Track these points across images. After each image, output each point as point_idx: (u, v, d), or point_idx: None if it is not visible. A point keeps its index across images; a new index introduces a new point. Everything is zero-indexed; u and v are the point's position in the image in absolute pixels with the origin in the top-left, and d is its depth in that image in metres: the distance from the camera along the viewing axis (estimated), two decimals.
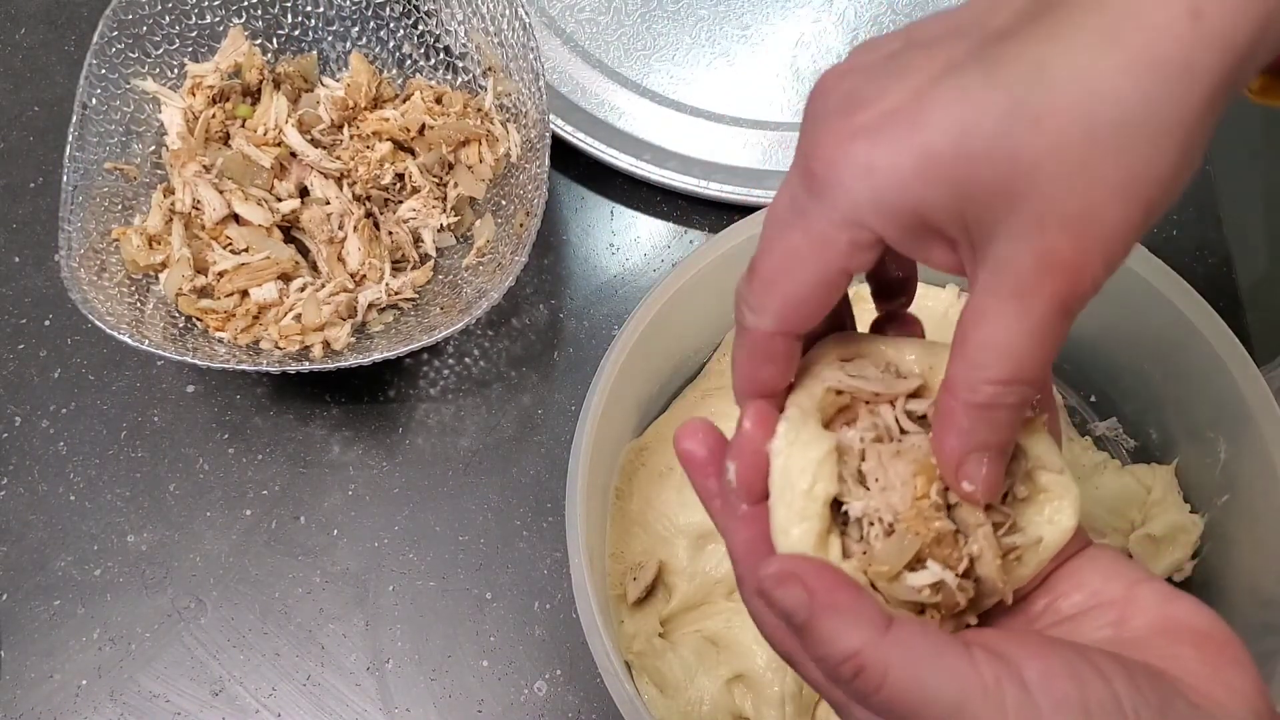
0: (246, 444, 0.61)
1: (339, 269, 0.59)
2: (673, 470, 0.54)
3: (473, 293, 0.58)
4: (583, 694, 0.55)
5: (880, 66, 0.27)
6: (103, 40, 0.59)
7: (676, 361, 0.57)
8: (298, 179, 0.61)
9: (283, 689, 0.56)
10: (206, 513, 0.59)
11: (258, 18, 0.63)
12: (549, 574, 0.57)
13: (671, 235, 0.65)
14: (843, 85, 0.27)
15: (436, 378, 0.62)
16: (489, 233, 0.61)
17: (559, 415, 0.61)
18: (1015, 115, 0.24)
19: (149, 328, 0.55)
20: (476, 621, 0.56)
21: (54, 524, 0.59)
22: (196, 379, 0.62)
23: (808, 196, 0.27)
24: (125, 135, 0.60)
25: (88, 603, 0.57)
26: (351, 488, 0.60)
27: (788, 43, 0.69)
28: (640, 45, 0.69)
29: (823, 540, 0.30)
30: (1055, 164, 0.24)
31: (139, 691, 0.56)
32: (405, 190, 0.62)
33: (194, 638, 0.57)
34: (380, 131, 0.62)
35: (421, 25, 0.64)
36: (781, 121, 0.66)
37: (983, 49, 0.25)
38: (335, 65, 0.65)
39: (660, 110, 0.67)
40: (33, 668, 0.56)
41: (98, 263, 0.56)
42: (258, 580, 0.58)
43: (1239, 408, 0.48)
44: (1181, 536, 0.52)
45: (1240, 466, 0.49)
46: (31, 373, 0.62)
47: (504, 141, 0.62)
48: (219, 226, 0.59)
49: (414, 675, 0.56)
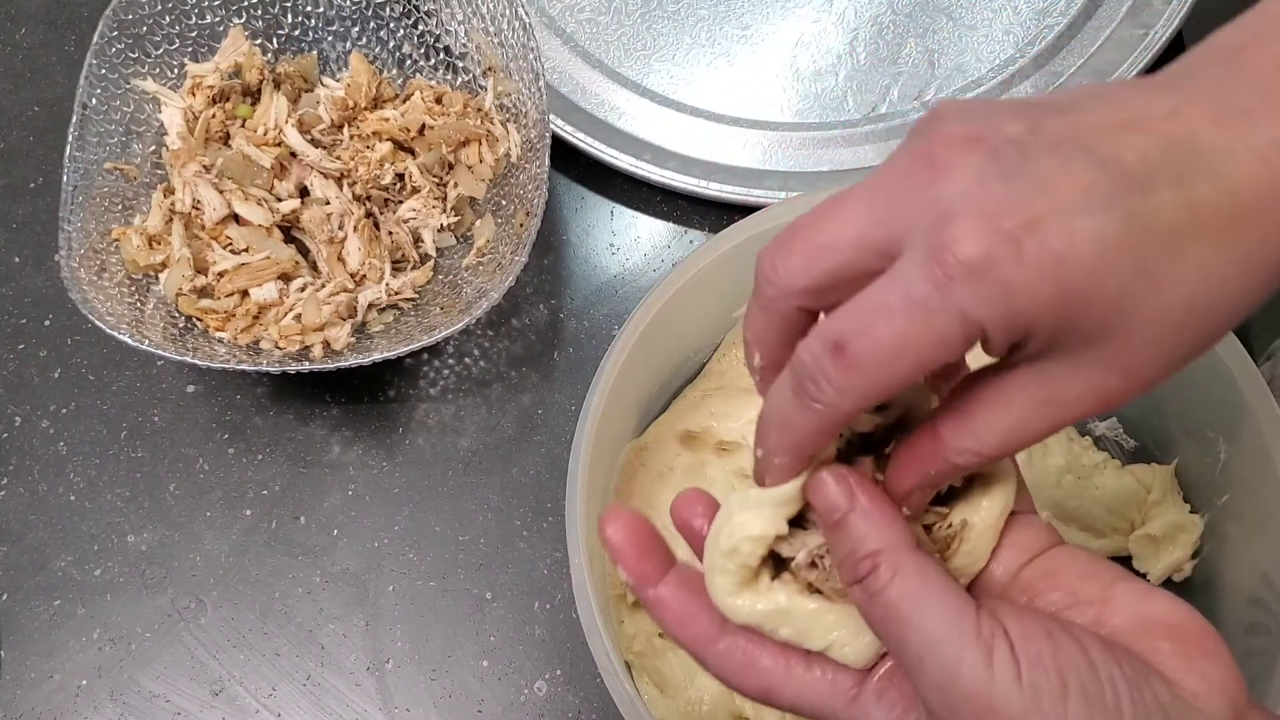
0: (246, 444, 0.61)
1: (339, 269, 0.59)
2: (673, 470, 0.54)
3: (473, 293, 0.58)
4: (583, 694, 0.55)
5: (1010, 158, 0.26)
6: (103, 40, 0.59)
7: (676, 361, 0.57)
8: (298, 179, 0.61)
9: (283, 689, 0.56)
10: (206, 513, 0.59)
11: (258, 18, 0.63)
12: (549, 574, 0.57)
13: (671, 235, 0.65)
14: (971, 160, 0.27)
15: (436, 378, 0.62)
16: (489, 233, 0.61)
17: (559, 415, 0.61)
18: (1142, 276, 0.26)
19: (149, 328, 0.55)
20: (476, 621, 0.56)
21: (54, 524, 0.59)
22: (196, 379, 0.62)
23: (933, 289, 0.26)
24: (125, 135, 0.60)
25: (88, 603, 0.57)
26: (351, 488, 0.60)
27: (788, 43, 0.69)
28: (640, 45, 0.69)
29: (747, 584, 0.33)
30: (1154, 328, 0.27)
31: (139, 691, 0.56)
32: (405, 190, 0.62)
33: (194, 638, 0.57)
34: (380, 131, 0.62)
35: (421, 25, 0.64)
36: (781, 121, 0.66)
37: (1124, 196, 0.26)
38: (335, 65, 0.65)
39: (660, 110, 0.67)
40: (33, 668, 0.56)
41: (98, 263, 0.56)
42: (258, 580, 0.58)
43: (1239, 407, 0.48)
44: (1181, 536, 0.52)
45: (1240, 466, 0.49)
46: (31, 373, 0.62)
47: (504, 141, 0.62)
48: (219, 226, 0.59)
49: (414, 675, 0.56)
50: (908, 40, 0.68)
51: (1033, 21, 0.68)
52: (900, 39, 0.68)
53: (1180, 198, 0.26)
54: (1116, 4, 0.67)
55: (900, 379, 0.27)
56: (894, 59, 0.68)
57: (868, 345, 0.27)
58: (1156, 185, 0.26)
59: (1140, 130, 0.26)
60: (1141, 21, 0.65)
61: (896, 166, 0.28)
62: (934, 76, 0.67)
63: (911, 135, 0.29)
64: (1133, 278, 0.26)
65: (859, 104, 0.67)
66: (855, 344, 0.27)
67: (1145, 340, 0.27)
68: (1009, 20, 0.68)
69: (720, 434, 0.55)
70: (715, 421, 0.55)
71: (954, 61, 0.67)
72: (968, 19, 0.68)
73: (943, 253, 0.26)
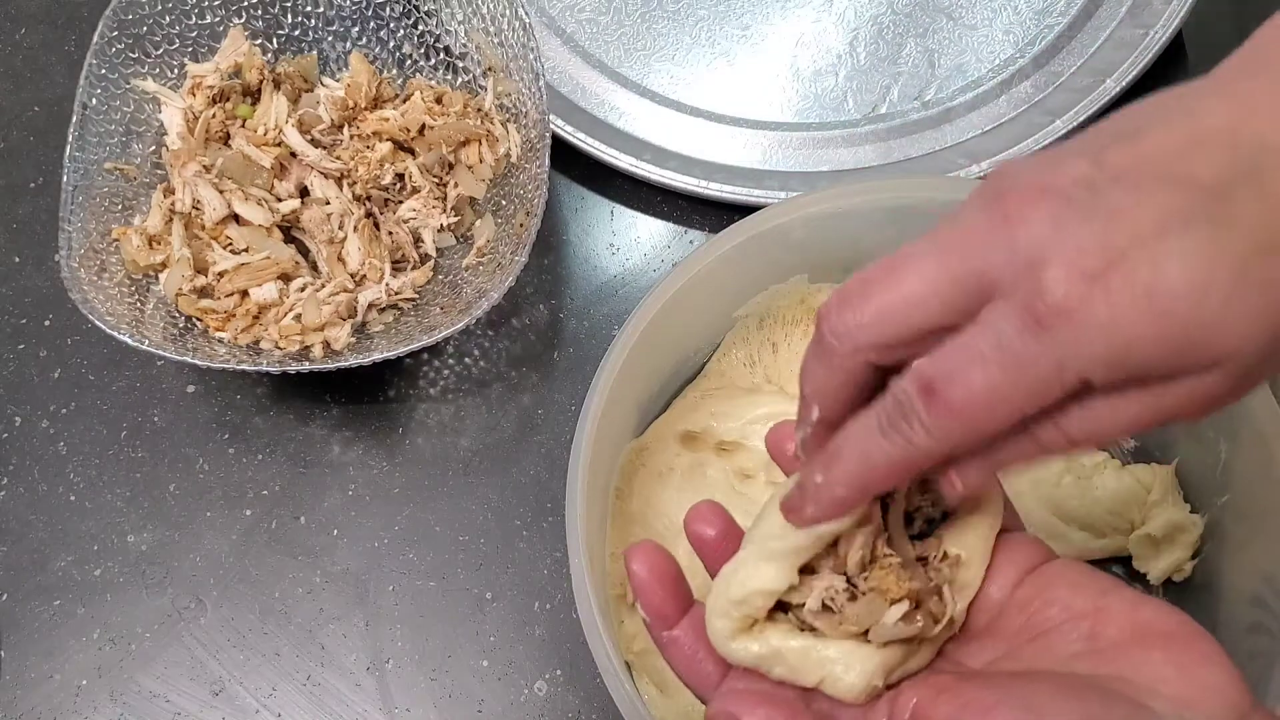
0: (246, 444, 0.61)
1: (339, 269, 0.59)
2: (673, 470, 0.54)
3: (473, 293, 0.58)
4: (583, 694, 0.55)
5: (1083, 199, 0.26)
6: (103, 40, 0.59)
7: (676, 361, 0.57)
8: (298, 179, 0.61)
9: (283, 689, 0.56)
10: (206, 513, 0.59)
11: (258, 18, 0.63)
12: (549, 574, 0.57)
13: (671, 235, 0.65)
14: (1045, 208, 0.27)
15: (436, 378, 0.62)
16: (489, 233, 0.61)
17: (559, 415, 0.61)
18: (1244, 278, 0.25)
19: (149, 328, 0.55)
20: (476, 621, 0.56)
21: (54, 524, 0.59)
22: (196, 379, 0.62)
23: (1029, 338, 0.26)
24: (125, 135, 0.60)
25: (88, 603, 0.57)
26: (351, 488, 0.60)
27: (788, 43, 0.69)
28: (640, 45, 0.69)
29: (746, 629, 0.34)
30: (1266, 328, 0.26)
31: (139, 691, 0.56)
32: (405, 190, 0.62)
33: (194, 638, 0.57)
34: (380, 131, 0.62)
35: (421, 25, 0.64)
36: (781, 121, 0.67)
37: (1204, 209, 0.25)
38: (335, 65, 0.65)
39: (660, 110, 0.67)
40: (33, 668, 0.56)
41: (98, 263, 0.56)
42: (258, 580, 0.58)
43: (1239, 407, 0.48)
44: (1181, 536, 0.52)
45: (1240, 466, 0.49)
46: (31, 373, 0.62)
47: (504, 141, 0.62)
48: (219, 226, 0.59)
49: (414, 675, 0.56)
50: (908, 40, 0.68)
51: (1033, 21, 0.68)
52: (900, 39, 0.68)
53: (1262, 193, 0.26)
54: (1116, 4, 0.67)
55: (994, 424, 0.27)
56: (894, 59, 0.68)
57: (960, 391, 0.27)
58: (1235, 190, 0.26)
59: (1207, 145, 0.26)
60: (1141, 21, 0.65)
61: (968, 223, 0.28)
62: (934, 76, 0.67)
63: (976, 195, 0.29)
64: (1235, 283, 0.25)
65: (859, 104, 0.67)
66: (948, 389, 0.27)
67: (1260, 345, 0.26)
68: (1009, 20, 0.68)
69: (720, 434, 0.55)
70: (715, 421, 0.55)
71: (954, 61, 0.67)
72: (968, 19, 0.68)
73: (1033, 301, 0.26)
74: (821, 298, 0.57)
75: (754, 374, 0.57)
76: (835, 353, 0.30)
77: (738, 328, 0.57)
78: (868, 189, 0.52)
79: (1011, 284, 0.26)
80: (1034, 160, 0.28)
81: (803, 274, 0.56)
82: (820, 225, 0.52)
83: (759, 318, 0.57)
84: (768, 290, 0.56)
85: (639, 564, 0.35)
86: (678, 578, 0.35)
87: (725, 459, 0.55)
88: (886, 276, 0.29)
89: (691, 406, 0.56)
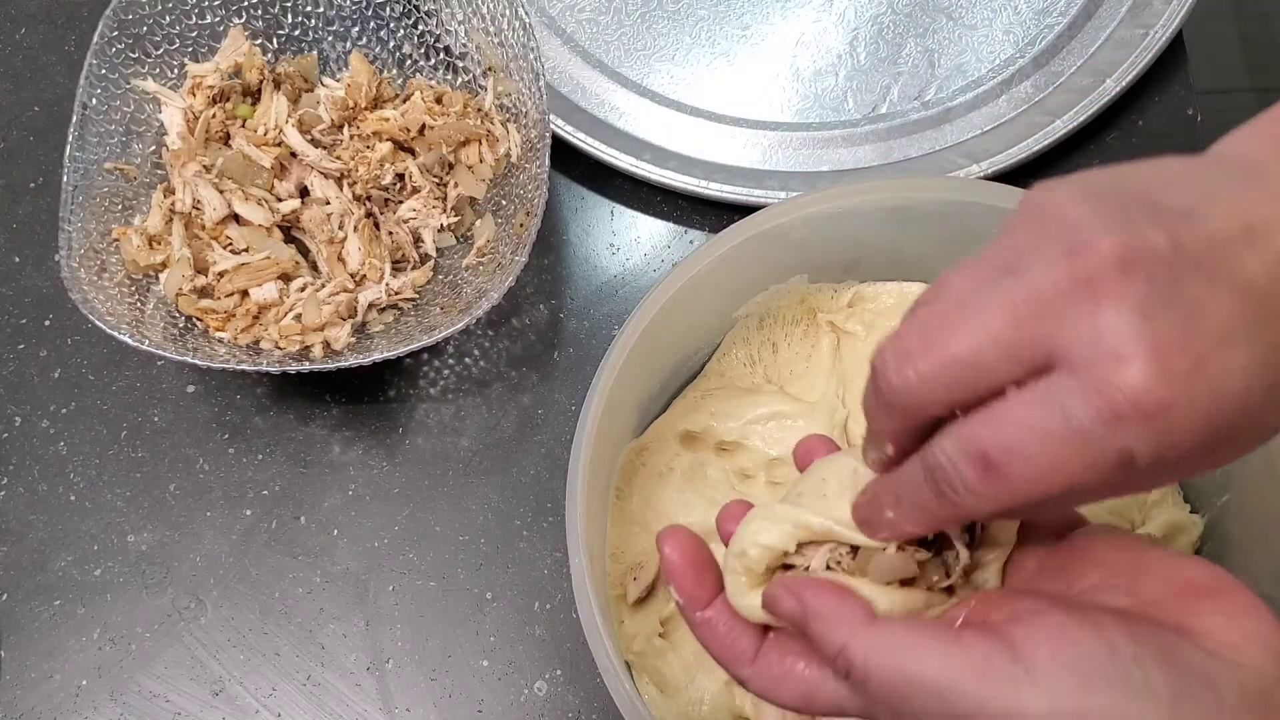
0: (246, 444, 0.61)
1: (339, 269, 0.59)
2: (673, 470, 0.54)
3: (473, 293, 0.58)
4: (583, 694, 0.55)
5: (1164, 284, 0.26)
6: (103, 40, 0.59)
7: (676, 361, 0.57)
8: (298, 179, 0.61)
9: (283, 689, 0.56)
10: (206, 513, 0.59)
11: (258, 18, 0.63)
12: (549, 574, 0.57)
13: (671, 235, 0.65)
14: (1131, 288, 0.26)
15: (436, 378, 0.62)
16: (489, 233, 0.61)
17: (559, 415, 0.61)
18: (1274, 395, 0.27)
19: (149, 328, 0.55)
20: (476, 621, 0.56)
21: (54, 524, 0.59)
22: (196, 379, 0.62)
23: (1099, 424, 0.26)
24: (125, 135, 0.60)
25: (88, 603, 0.57)
26: (351, 488, 0.60)
27: (788, 43, 0.69)
28: (640, 45, 0.69)
29: (757, 586, 0.34)
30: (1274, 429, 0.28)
31: (139, 691, 0.56)
32: (405, 190, 0.62)
33: (194, 638, 0.57)
34: (380, 131, 0.62)
35: (421, 25, 0.64)
36: (781, 121, 0.66)
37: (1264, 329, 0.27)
38: (335, 65, 0.65)
39: (660, 110, 0.67)
40: (33, 668, 0.56)
41: (98, 263, 0.56)
42: (258, 580, 0.58)
43: None
44: (1181, 536, 0.52)
45: (1240, 466, 0.49)
46: (31, 373, 0.62)
47: (504, 141, 0.62)
48: (219, 226, 0.59)
49: (414, 675, 0.56)
50: (908, 40, 0.68)
51: (1033, 21, 0.68)
52: (900, 39, 0.68)
53: None
54: (1116, 4, 0.67)
55: (1045, 497, 0.27)
56: (894, 59, 0.68)
57: (1020, 467, 0.27)
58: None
59: (1259, 240, 0.27)
60: (1141, 21, 0.65)
61: (1039, 275, 0.27)
62: (934, 76, 0.67)
63: (1041, 232, 0.28)
64: (1265, 400, 0.27)
65: (859, 104, 0.67)
66: (1007, 465, 0.27)
67: (1265, 438, 0.28)
68: (1009, 20, 0.68)
69: (720, 434, 0.55)
70: (715, 421, 0.55)
71: (954, 61, 0.67)
72: (968, 19, 0.68)
73: (1114, 392, 0.26)
74: (822, 297, 0.57)
75: (754, 374, 0.57)
76: (894, 407, 0.29)
77: (738, 328, 0.57)
78: (868, 189, 0.52)
79: (1087, 362, 0.26)
80: (1107, 209, 0.27)
81: (803, 274, 0.56)
82: (820, 225, 0.52)
83: (759, 318, 0.57)
84: (768, 290, 0.56)
85: (670, 547, 0.35)
86: (708, 560, 0.36)
87: (725, 459, 0.55)
88: (948, 327, 0.28)
89: (691, 406, 0.56)
